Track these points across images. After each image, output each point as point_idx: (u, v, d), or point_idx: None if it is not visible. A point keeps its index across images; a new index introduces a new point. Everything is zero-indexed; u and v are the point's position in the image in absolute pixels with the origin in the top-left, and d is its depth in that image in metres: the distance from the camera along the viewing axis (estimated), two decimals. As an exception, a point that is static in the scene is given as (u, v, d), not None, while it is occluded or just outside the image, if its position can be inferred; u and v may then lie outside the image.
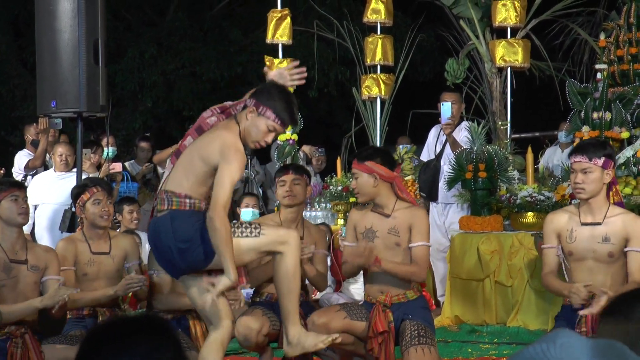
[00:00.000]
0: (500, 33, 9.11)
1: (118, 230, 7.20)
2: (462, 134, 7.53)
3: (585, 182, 4.65)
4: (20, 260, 4.97)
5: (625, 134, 7.65)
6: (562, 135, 9.61)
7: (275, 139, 9.22)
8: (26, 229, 6.36)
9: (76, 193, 5.40)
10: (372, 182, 4.92)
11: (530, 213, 7.14)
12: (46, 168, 8.65)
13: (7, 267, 4.93)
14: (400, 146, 8.78)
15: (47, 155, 8.61)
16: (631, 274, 4.65)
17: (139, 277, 5.13)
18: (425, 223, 4.99)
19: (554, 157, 9.49)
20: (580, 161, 4.67)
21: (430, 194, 7.73)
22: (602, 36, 8.55)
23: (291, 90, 4.68)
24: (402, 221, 4.91)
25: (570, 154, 4.86)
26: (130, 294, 5.58)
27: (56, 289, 4.82)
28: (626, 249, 4.68)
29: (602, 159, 4.66)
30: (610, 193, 4.80)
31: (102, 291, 5.21)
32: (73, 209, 5.83)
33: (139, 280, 5.10)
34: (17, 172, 8.75)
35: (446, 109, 7.58)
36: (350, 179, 8.45)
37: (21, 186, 5.26)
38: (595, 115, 7.64)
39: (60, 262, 5.11)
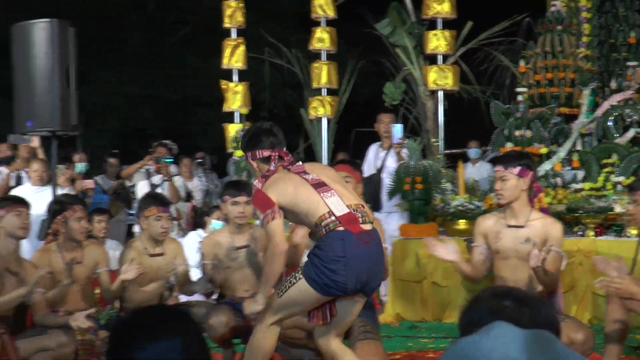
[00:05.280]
0: (432, 59, 9.28)
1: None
2: (401, 151, 7.65)
3: (503, 189, 4.82)
4: (11, 271, 4.90)
5: (544, 150, 7.84)
6: (471, 152, 9.82)
7: (231, 154, 9.29)
8: None
9: (59, 209, 5.19)
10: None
11: (462, 220, 7.27)
12: (19, 183, 8.54)
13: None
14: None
15: (19, 171, 8.49)
16: (548, 270, 4.79)
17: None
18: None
19: (474, 170, 9.67)
20: (498, 170, 4.86)
21: (374, 204, 7.84)
22: (521, 63, 8.75)
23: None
24: None
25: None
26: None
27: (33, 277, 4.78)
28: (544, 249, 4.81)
29: (518, 168, 4.79)
30: (535, 200, 4.95)
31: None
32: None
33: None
34: None
35: (397, 129, 7.74)
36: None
37: (26, 203, 5.14)
38: (517, 133, 7.82)
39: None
